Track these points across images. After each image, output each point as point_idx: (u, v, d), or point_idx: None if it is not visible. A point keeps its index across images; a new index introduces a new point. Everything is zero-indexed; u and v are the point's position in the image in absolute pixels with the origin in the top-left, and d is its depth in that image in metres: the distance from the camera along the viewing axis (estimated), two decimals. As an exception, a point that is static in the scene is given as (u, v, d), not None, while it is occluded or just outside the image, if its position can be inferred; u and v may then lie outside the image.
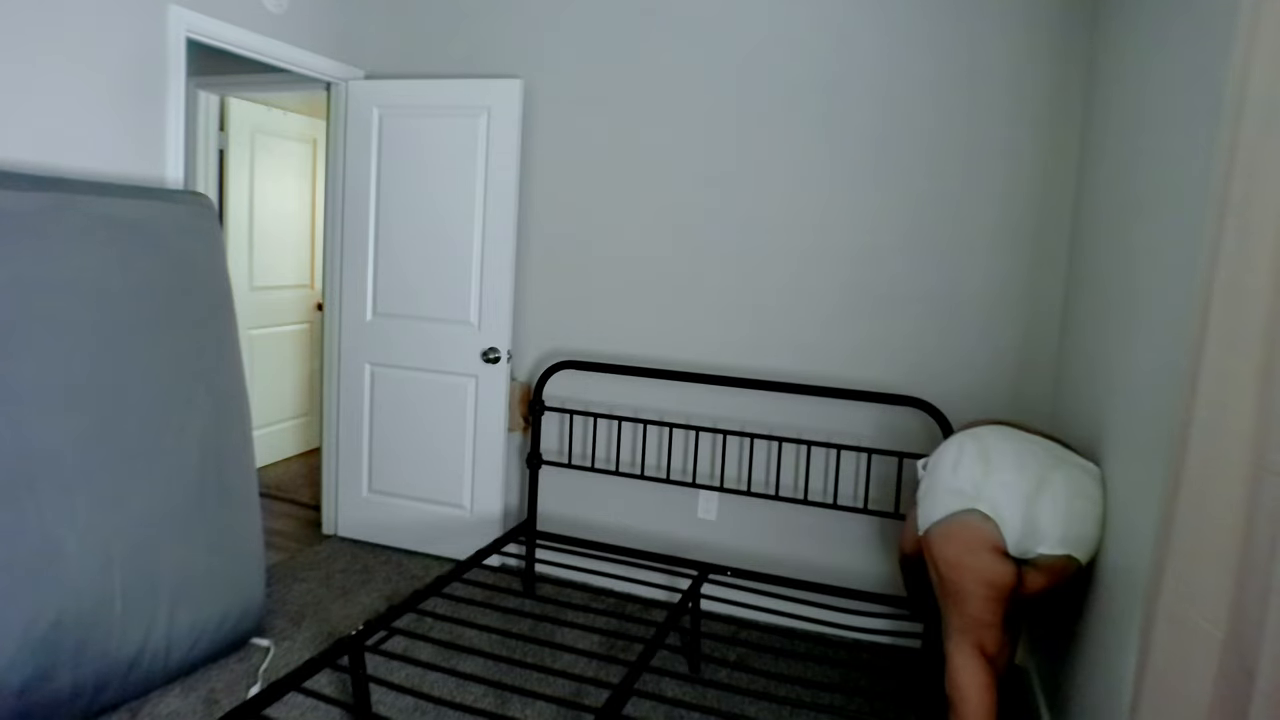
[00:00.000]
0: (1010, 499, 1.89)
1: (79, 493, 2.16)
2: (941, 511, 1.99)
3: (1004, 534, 1.88)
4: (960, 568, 1.94)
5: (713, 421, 3.16)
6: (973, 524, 1.91)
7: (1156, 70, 1.91)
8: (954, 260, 2.85)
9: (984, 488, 1.93)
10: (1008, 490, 1.91)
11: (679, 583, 3.20)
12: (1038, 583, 1.95)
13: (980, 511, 1.91)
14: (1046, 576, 1.93)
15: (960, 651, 1.98)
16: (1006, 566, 1.91)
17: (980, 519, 1.91)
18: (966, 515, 1.93)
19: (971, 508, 1.92)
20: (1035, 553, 1.89)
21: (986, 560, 1.90)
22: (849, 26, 2.90)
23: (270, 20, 3.06)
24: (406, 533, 3.55)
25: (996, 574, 1.90)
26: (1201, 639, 1.19)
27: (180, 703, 2.36)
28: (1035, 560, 1.91)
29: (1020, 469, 1.93)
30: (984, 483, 1.93)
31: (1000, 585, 1.91)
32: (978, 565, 1.91)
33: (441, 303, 3.39)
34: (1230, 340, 1.15)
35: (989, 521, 1.90)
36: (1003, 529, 1.88)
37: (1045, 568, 1.92)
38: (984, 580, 1.91)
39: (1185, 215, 1.59)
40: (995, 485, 1.92)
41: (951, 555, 1.95)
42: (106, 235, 2.30)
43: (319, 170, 4.76)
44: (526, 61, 3.32)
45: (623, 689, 2.01)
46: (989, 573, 1.90)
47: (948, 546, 1.96)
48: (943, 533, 1.98)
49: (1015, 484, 1.91)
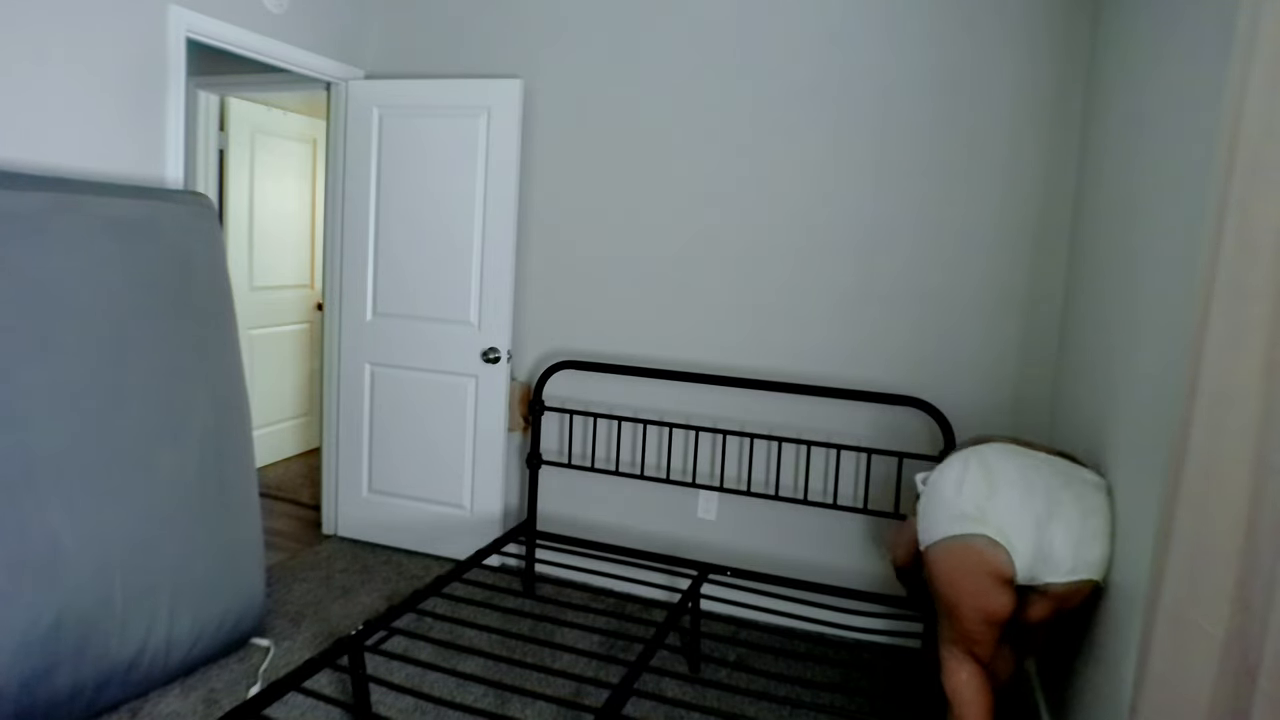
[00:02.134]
0: (1020, 523, 1.83)
1: (79, 493, 2.15)
2: (944, 532, 1.93)
3: (1014, 559, 1.83)
4: (959, 591, 1.90)
5: (712, 421, 3.16)
6: (978, 549, 1.85)
7: (1157, 70, 1.91)
8: (954, 260, 2.85)
9: (989, 510, 1.86)
10: (1015, 513, 1.84)
11: (679, 583, 3.20)
12: (1043, 610, 1.91)
13: (988, 536, 1.84)
14: (1054, 603, 1.89)
15: (953, 655, 1.99)
16: (1005, 597, 1.86)
17: (987, 544, 1.84)
18: (973, 539, 1.86)
19: (979, 532, 1.85)
20: (1044, 581, 1.85)
21: (986, 587, 1.86)
22: (849, 27, 2.90)
23: (270, 20, 3.06)
24: (406, 533, 3.55)
25: (993, 603, 1.86)
26: (1202, 639, 1.19)
27: (180, 703, 2.36)
28: (1046, 588, 1.86)
29: (1028, 489, 1.87)
30: (988, 505, 1.87)
31: (996, 614, 1.88)
32: (976, 591, 1.87)
33: (441, 303, 3.39)
34: (1231, 339, 1.15)
35: (997, 547, 1.83)
36: (1012, 554, 1.82)
37: (1055, 595, 1.87)
38: (979, 607, 1.88)
39: (1186, 212, 1.59)
40: (1002, 507, 1.86)
41: (951, 577, 1.91)
42: (107, 235, 2.30)
43: (319, 170, 4.76)
44: (526, 61, 3.32)
45: (622, 689, 2.01)
46: (986, 601, 1.86)
47: (948, 568, 1.91)
48: (945, 553, 1.92)
49: (1024, 506, 1.84)
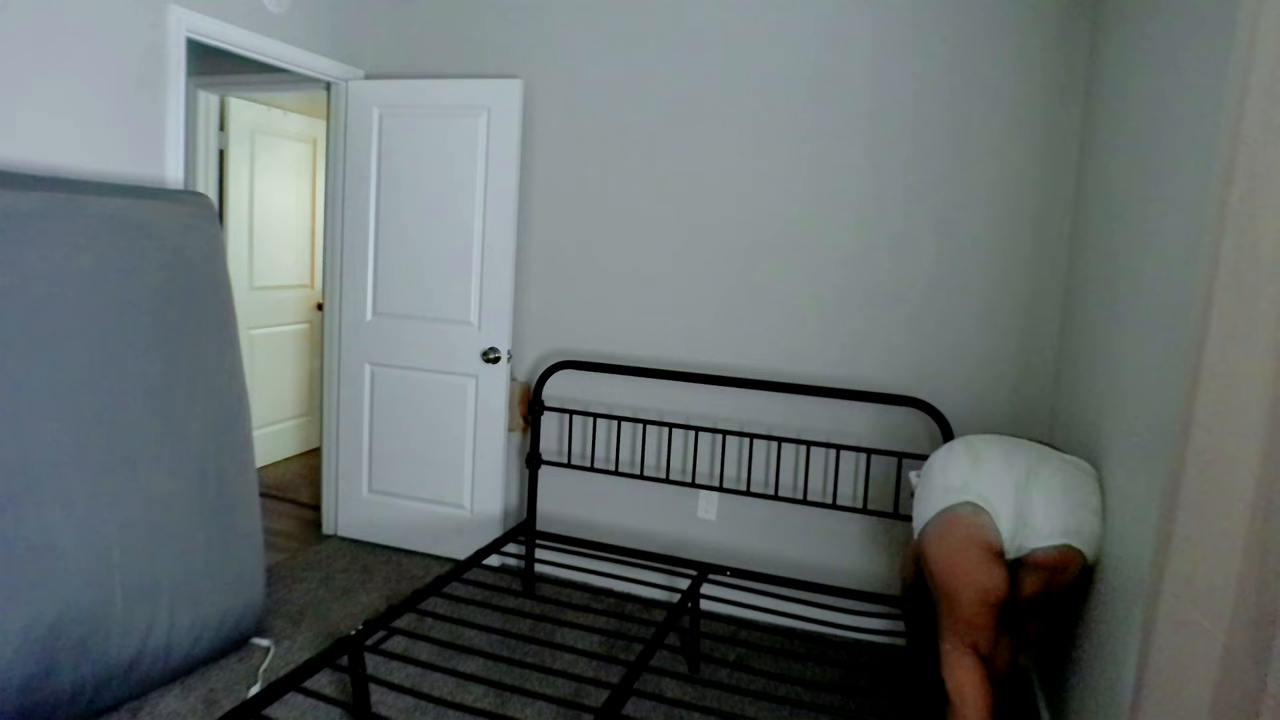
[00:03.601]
0: (999, 488, 1.92)
1: (79, 492, 2.15)
2: (933, 510, 2.00)
3: (998, 524, 1.89)
4: (953, 569, 1.94)
5: (712, 421, 3.16)
6: (964, 516, 1.93)
7: (1157, 68, 1.91)
8: (954, 259, 2.85)
9: (972, 480, 1.96)
10: (996, 479, 1.94)
11: (678, 583, 3.20)
12: (1035, 584, 1.95)
13: (971, 503, 1.93)
14: (1044, 576, 1.93)
15: (954, 650, 2.00)
16: (998, 572, 1.91)
17: (971, 510, 1.93)
18: (957, 508, 1.95)
19: (962, 500, 1.94)
20: (1030, 547, 1.90)
21: (978, 560, 1.90)
22: (848, 25, 2.90)
23: (270, 20, 3.06)
24: (406, 533, 3.55)
25: (988, 580, 1.91)
26: (1203, 639, 1.19)
27: (180, 703, 2.36)
28: (1031, 556, 1.91)
29: (1006, 461, 1.98)
30: (972, 476, 1.96)
31: (992, 592, 1.91)
32: (969, 567, 1.91)
33: (441, 303, 3.39)
34: (1233, 336, 1.15)
35: (980, 512, 1.91)
36: (996, 519, 1.90)
37: (1042, 564, 1.91)
38: (976, 584, 1.91)
39: (1187, 211, 1.59)
40: (984, 476, 1.95)
41: (944, 556, 1.95)
42: (106, 235, 2.30)
43: (319, 170, 4.76)
44: (526, 61, 3.32)
45: (622, 689, 2.01)
46: (980, 577, 1.91)
47: (940, 547, 1.97)
48: (935, 533, 1.98)
49: (1003, 475, 1.94)
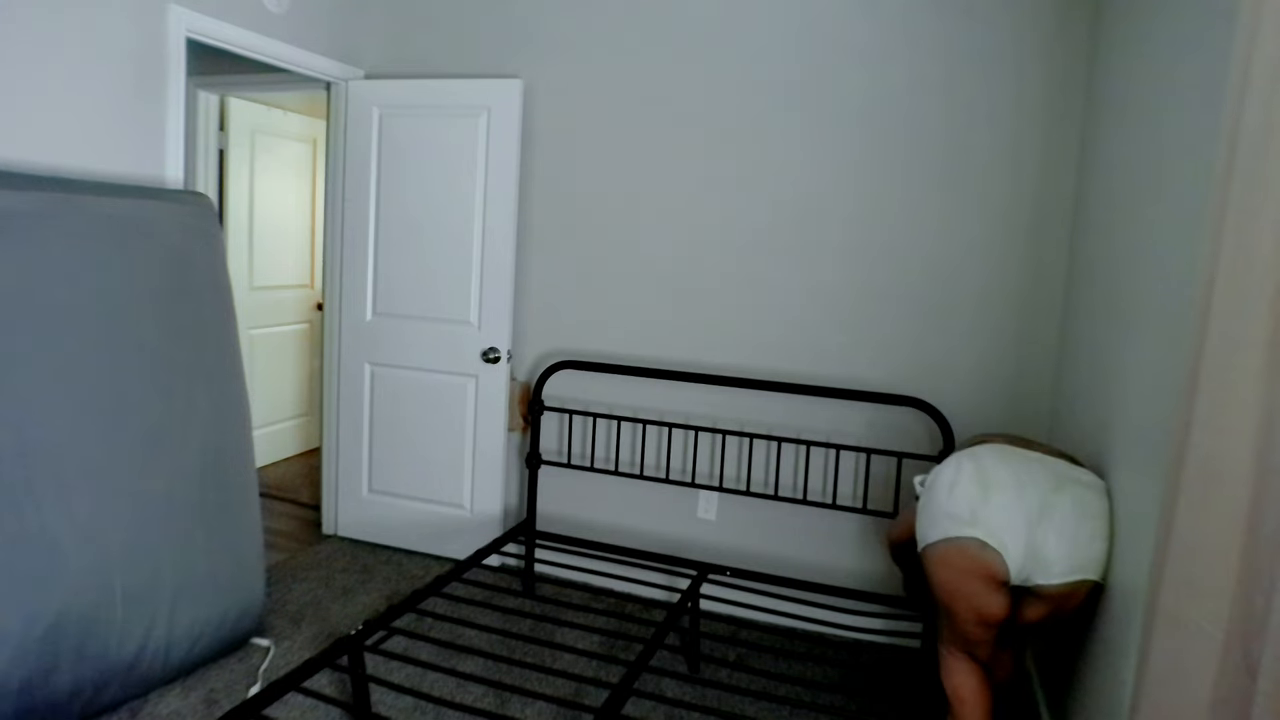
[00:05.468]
0: (1011, 524, 1.82)
1: (79, 492, 2.15)
2: (938, 534, 1.92)
3: (1006, 562, 1.82)
4: (954, 594, 1.90)
5: (712, 421, 3.16)
6: (970, 551, 1.84)
7: (1157, 68, 1.91)
8: (954, 260, 2.85)
9: (981, 512, 1.85)
10: (1008, 514, 1.83)
11: (678, 583, 3.20)
12: (1039, 612, 1.90)
13: (979, 539, 1.83)
14: (1050, 605, 1.88)
15: (952, 655, 2.01)
16: (999, 600, 1.86)
17: (979, 546, 1.83)
18: (964, 542, 1.85)
19: (970, 535, 1.85)
20: (1037, 582, 1.84)
21: (979, 589, 1.86)
22: (848, 24, 2.90)
23: (270, 20, 3.06)
24: (406, 533, 3.55)
25: (988, 606, 1.87)
26: (1203, 639, 1.19)
27: (180, 703, 2.36)
28: (1038, 589, 1.86)
29: (1020, 491, 1.86)
30: (981, 507, 1.85)
31: (990, 616, 1.88)
32: (970, 594, 1.87)
33: (441, 302, 3.39)
34: (1232, 338, 1.15)
35: (988, 550, 1.82)
36: (1005, 556, 1.82)
37: (1050, 596, 1.86)
38: (975, 609, 1.88)
39: (1186, 212, 1.59)
40: (994, 509, 1.84)
41: (945, 580, 1.91)
42: (107, 235, 2.30)
43: (319, 170, 4.76)
44: (526, 61, 3.32)
45: (622, 689, 2.01)
46: (980, 603, 1.87)
47: (943, 570, 1.92)
48: (939, 556, 1.92)
49: (1015, 508, 1.84)
